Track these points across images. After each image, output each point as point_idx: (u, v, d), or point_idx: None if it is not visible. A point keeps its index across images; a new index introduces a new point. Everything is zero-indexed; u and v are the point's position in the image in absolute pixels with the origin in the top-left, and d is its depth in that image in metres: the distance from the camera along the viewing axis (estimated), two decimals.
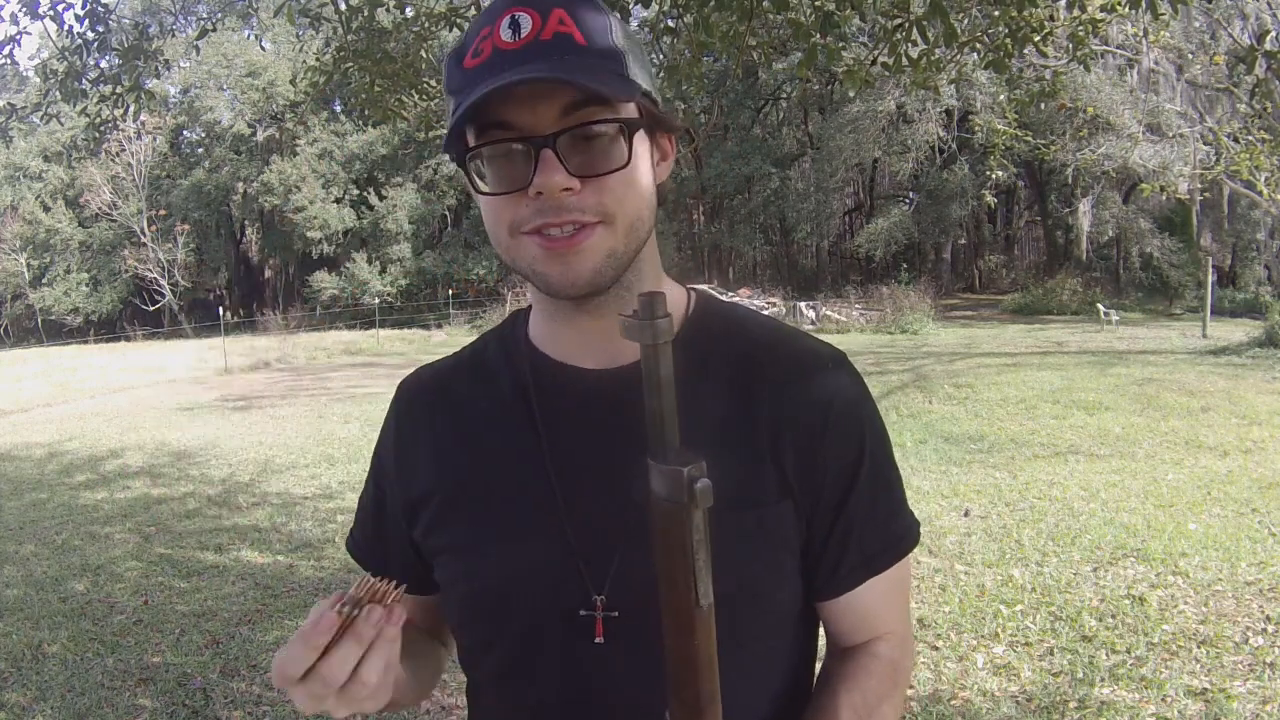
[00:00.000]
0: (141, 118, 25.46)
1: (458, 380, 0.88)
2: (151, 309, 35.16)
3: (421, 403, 0.89)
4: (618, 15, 0.76)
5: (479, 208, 0.77)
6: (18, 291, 35.43)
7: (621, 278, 0.75)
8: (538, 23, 0.70)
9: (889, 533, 0.83)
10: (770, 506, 0.77)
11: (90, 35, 4.29)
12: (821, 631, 0.90)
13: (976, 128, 18.30)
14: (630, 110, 0.73)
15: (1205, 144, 16.54)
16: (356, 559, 0.93)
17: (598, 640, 0.75)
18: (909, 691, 3.19)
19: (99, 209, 33.82)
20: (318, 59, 4.77)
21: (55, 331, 34.95)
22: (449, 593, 0.84)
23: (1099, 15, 4.01)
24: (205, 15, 26.99)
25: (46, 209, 34.42)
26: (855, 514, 0.80)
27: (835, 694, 0.80)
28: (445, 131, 0.74)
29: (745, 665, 0.77)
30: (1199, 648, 3.42)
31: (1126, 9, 4.03)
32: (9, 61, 4.47)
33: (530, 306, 0.87)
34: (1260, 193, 13.00)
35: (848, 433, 0.81)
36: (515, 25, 0.70)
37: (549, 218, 0.71)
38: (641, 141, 0.73)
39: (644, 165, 0.75)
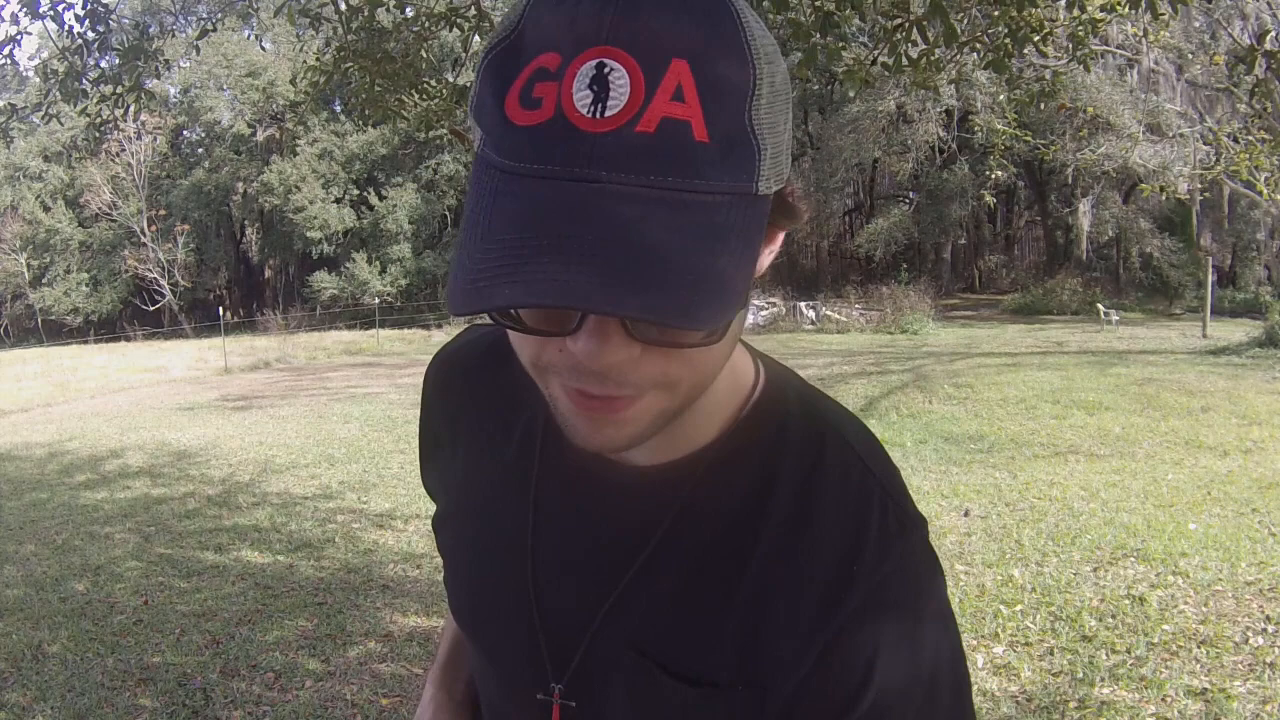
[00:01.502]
0: (141, 118, 25.46)
1: (485, 375, 0.75)
2: (151, 309, 35.17)
3: (448, 381, 0.79)
4: (760, 41, 0.48)
5: None
6: (18, 291, 35.45)
7: None
8: (639, 93, 0.44)
9: None
10: (749, 689, 0.61)
11: (90, 35, 4.30)
12: None
13: (976, 128, 18.30)
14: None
15: (1205, 144, 16.53)
16: (430, 492, 0.86)
17: None
18: None
19: (99, 209, 33.84)
20: (318, 59, 4.78)
21: (55, 331, 34.97)
22: (450, 593, 0.82)
23: (1099, 15, 4.01)
24: (205, 15, 26.97)
25: (46, 209, 34.44)
26: None
27: None
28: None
29: None
30: (1199, 648, 3.42)
31: (1126, 9, 4.04)
32: (9, 61, 4.47)
33: None
34: (1260, 193, 13.00)
35: (867, 640, 0.59)
36: (603, 86, 0.44)
37: (586, 384, 0.51)
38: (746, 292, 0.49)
39: (741, 312, 0.51)
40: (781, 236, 0.57)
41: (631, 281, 0.42)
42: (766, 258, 0.55)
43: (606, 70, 0.44)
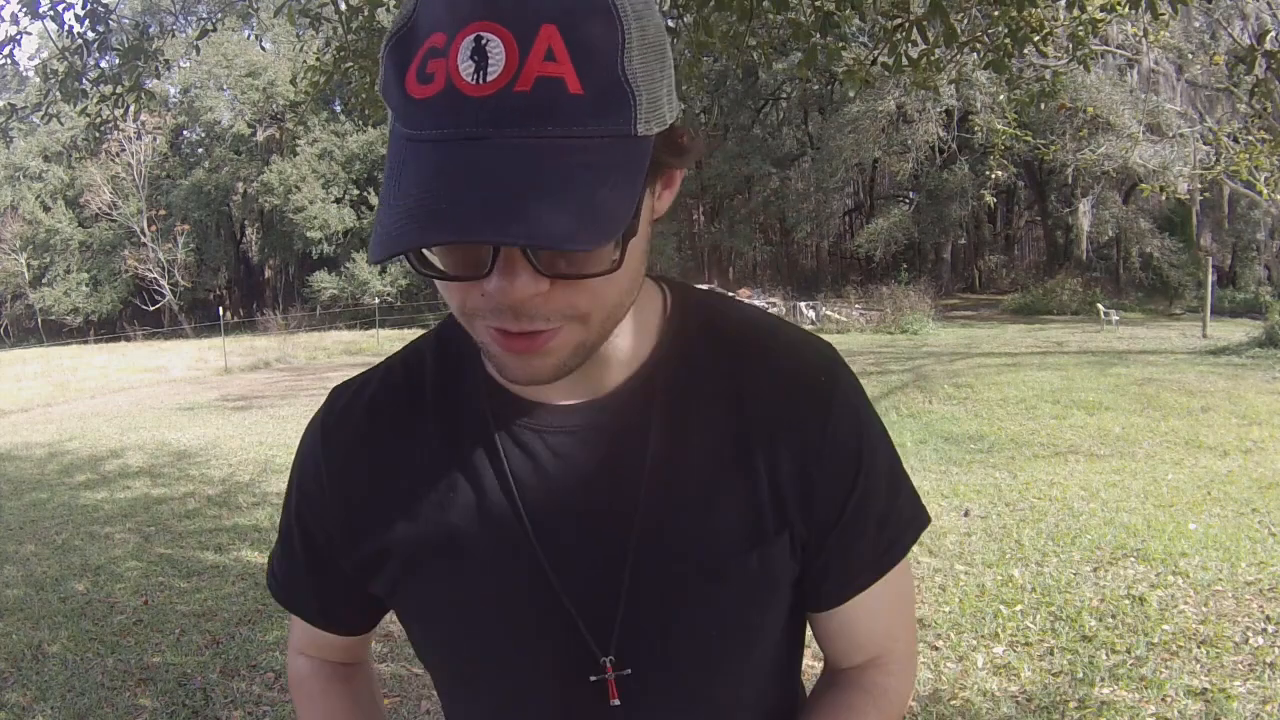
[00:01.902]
0: (141, 118, 25.47)
1: (398, 407, 0.73)
2: (151, 309, 35.18)
3: (359, 433, 0.73)
4: (632, 11, 0.53)
5: None
6: (18, 291, 35.45)
7: None
8: (514, 58, 0.49)
9: (894, 527, 0.75)
10: (770, 543, 0.70)
11: (90, 35, 4.29)
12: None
13: (976, 128, 18.30)
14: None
15: (1205, 144, 16.53)
16: (283, 601, 0.84)
17: (614, 703, 0.69)
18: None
19: (99, 209, 33.84)
20: (318, 59, 4.77)
21: (55, 331, 34.97)
22: (431, 647, 0.77)
23: (1099, 15, 4.01)
24: (205, 15, 26.97)
25: (46, 209, 34.44)
26: (856, 519, 0.72)
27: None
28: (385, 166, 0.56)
29: (744, 697, 0.75)
30: (1199, 648, 3.42)
31: (1126, 9, 4.04)
32: (9, 61, 4.47)
33: (451, 323, 0.73)
34: (1260, 193, 13.00)
35: (845, 449, 0.71)
36: (481, 56, 0.49)
37: (505, 322, 0.56)
38: (642, 216, 0.57)
39: (639, 245, 0.59)
40: (680, 176, 0.63)
41: (518, 214, 0.48)
42: (666, 197, 0.62)
43: (484, 42, 0.49)
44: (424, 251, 0.54)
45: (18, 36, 4.34)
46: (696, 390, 0.70)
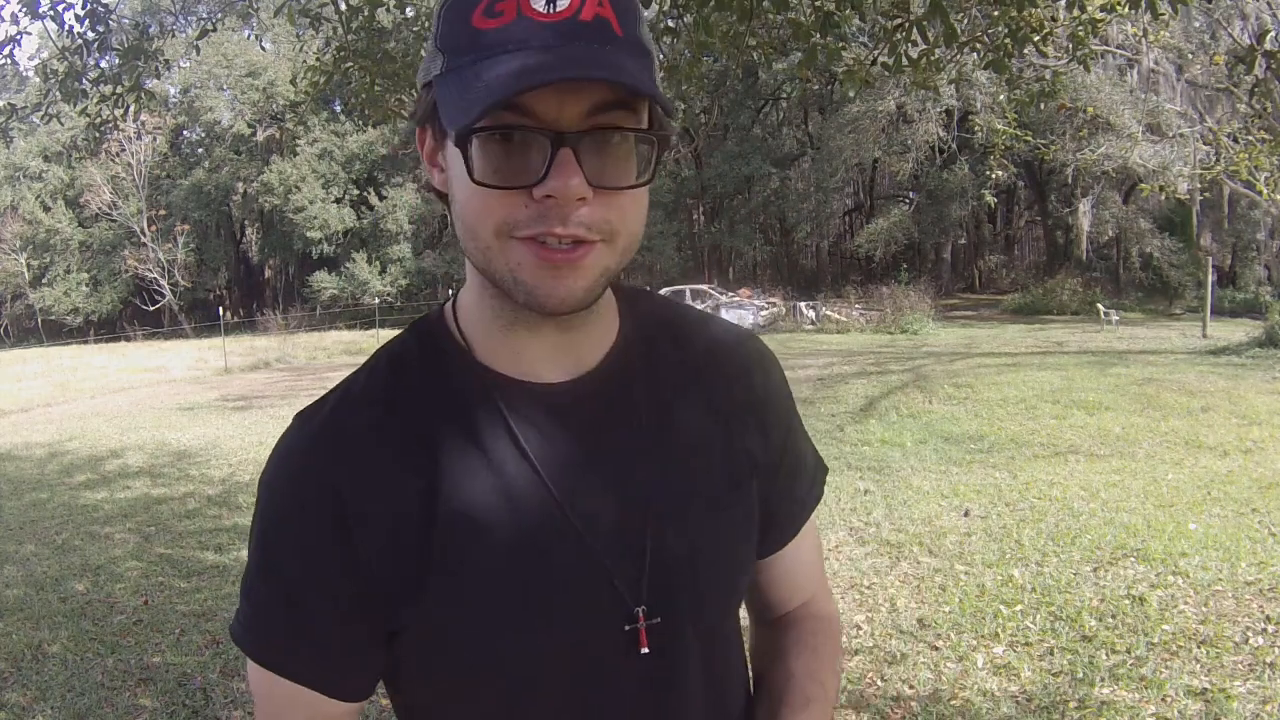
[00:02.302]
0: (141, 118, 25.47)
1: (390, 419, 0.72)
2: (151, 309, 35.20)
3: (365, 463, 0.71)
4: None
5: (451, 193, 0.67)
6: (18, 291, 35.47)
7: None
8: None
9: (813, 471, 0.90)
10: (747, 485, 0.81)
11: (90, 35, 4.29)
12: None
13: (976, 128, 18.31)
14: (645, 121, 0.65)
15: (1205, 144, 16.54)
16: (284, 669, 0.72)
17: (643, 651, 0.73)
18: (909, 691, 3.19)
19: (99, 209, 33.86)
20: (318, 59, 4.78)
21: (55, 331, 34.99)
22: (459, 649, 0.72)
23: (1099, 15, 4.00)
24: (205, 15, 26.98)
25: (46, 209, 34.46)
26: (791, 468, 0.86)
27: (789, 662, 0.85)
28: (425, 92, 0.66)
29: (735, 630, 0.85)
30: (1199, 648, 3.42)
31: (1126, 9, 4.03)
32: (9, 61, 4.47)
33: (440, 317, 0.77)
34: (1260, 193, 13.00)
35: (779, 405, 0.86)
36: None
37: (552, 225, 0.62)
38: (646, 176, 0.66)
39: (645, 197, 0.69)
40: (664, 150, 0.71)
41: (604, 66, 0.61)
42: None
43: None
44: (480, 168, 0.62)
45: (18, 36, 4.34)
46: (663, 364, 0.79)
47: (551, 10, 0.61)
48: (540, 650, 0.72)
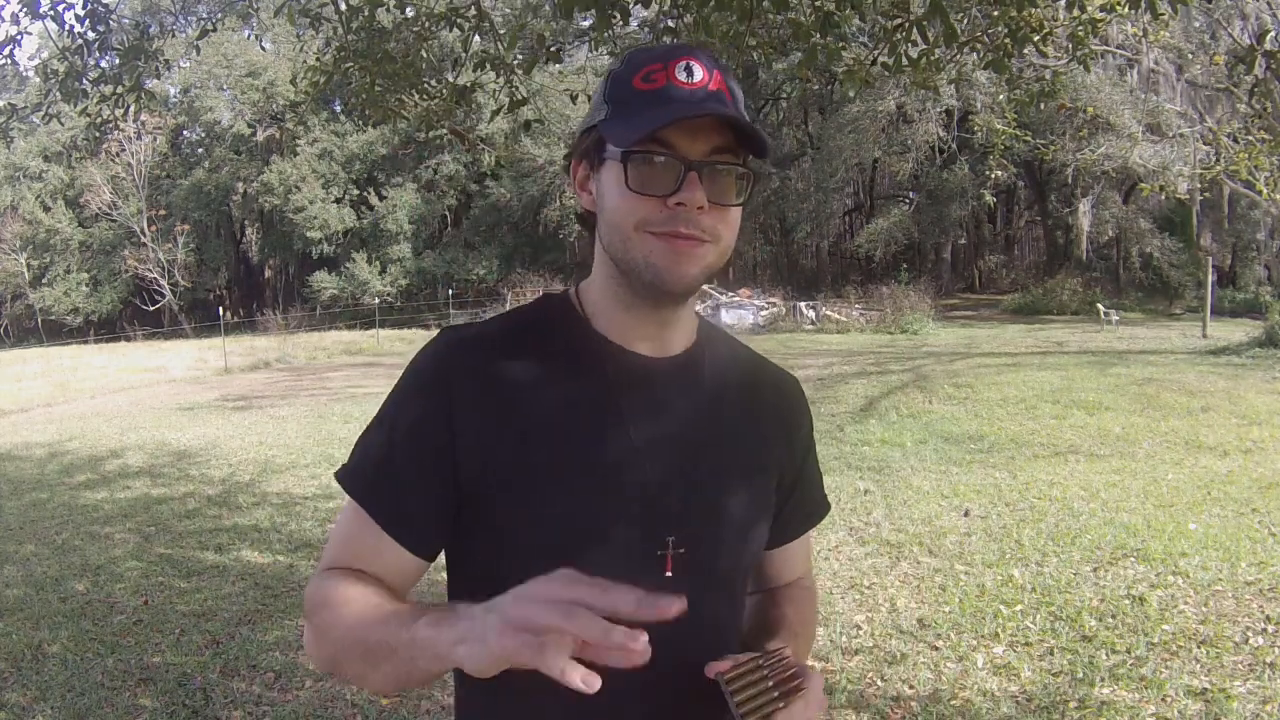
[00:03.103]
0: (141, 118, 25.48)
1: (520, 343, 0.96)
2: (151, 309, 35.18)
3: (489, 356, 0.94)
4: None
5: (601, 205, 0.91)
6: (18, 291, 35.44)
7: None
8: (706, 75, 0.88)
9: (820, 497, 1.16)
10: (770, 476, 1.04)
11: (90, 35, 4.29)
12: None
13: (976, 128, 18.28)
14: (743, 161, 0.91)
15: (1205, 144, 16.53)
16: (361, 496, 0.91)
17: (667, 574, 0.91)
18: (909, 691, 3.19)
19: (99, 209, 33.83)
20: (318, 59, 4.77)
21: (55, 331, 34.97)
22: (523, 534, 0.90)
23: (1099, 15, 4.00)
24: (205, 15, 26.99)
25: (46, 209, 34.43)
26: (805, 487, 1.11)
27: (782, 608, 1.09)
28: (586, 134, 0.92)
29: (742, 594, 1.04)
30: (1199, 648, 3.42)
31: (1126, 9, 4.03)
32: (9, 61, 4.46)
33: (566, 294, 1.00)
34: (1260, 193, 12.99)
35: (805, 434, 1.11)
36: (690, 70, 0.88)
37: (678, 225, 0.86)
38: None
39: (739, 217, 0.93)
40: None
41: (725, 114, 0.86)
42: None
43: (690, 64, 0.88)
44: (634, 177, 0.86)
45: (18, 36, 4.33)
46: (724, 368, 1.03)
47: (690, 80, 0.88)
48: (591, 541, 0.89)
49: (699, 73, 0.88)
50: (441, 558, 0.97)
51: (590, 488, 0.91)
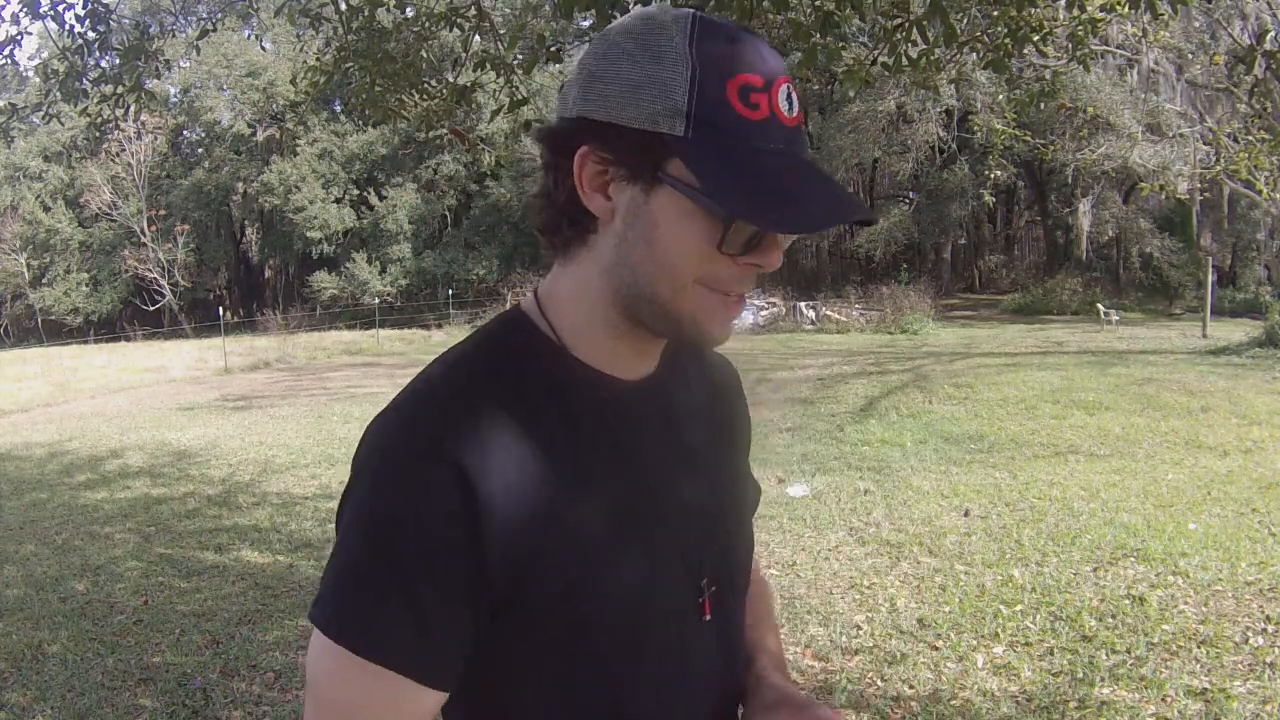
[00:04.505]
0: (141, 118, 25.46)
1: (509, 404, 0.77)
2: (151, 309, 35.17)
3: (490, 436, 0.74)
4: None
5: (636, 228, 0.74)
6: (18, 291, 35.43)
7: None
8: (798, 101, 0.76)
9: (754, 479, 1.08)
10: (747, 479, 1.02)
11: (91, 35, 4.29)
12: None
13: (976, 128, 18.30)
14: None
15: (1205, 144, 16.53)
16: (396, 665, 0.71)
17: (706, 618, 0.85)
18: (909, 691, 3.19)
19: (99, 209, 33.83)
20: (318, 59, 4.77)
21: (55, 331, 34.97)
22: (565, 621, 0.76)
23: (1099, 15, 4.00)
24: (205, 15, 26.98)
25: (46, 209, 34.42)
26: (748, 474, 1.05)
27: (759, 611, 1.04)
28: (642, 137, 0.72)
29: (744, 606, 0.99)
30: (1199, 648, 3.42)
31: (1126, 9, 4.04)
32: (9, 61, 4.47)
33: (524, 315, 0.83)
34: (1260, 193, 13.00)
35: (747, 421, 1.05)
36: (790, 100, 0.74)
37: (745, 287, 0.77)
38: None
39: None
40: None
41: (853, 205, 0.76)
42: None
43: (790, 91, 0.74)
44: (732, 239, 0.73)
45: (18, 36, 4.34)
46: (685, 374, 0.94)
47: (790, 114, 0.73)
48: (639, 609, 0.80)
49: (797, 103, 0.74)
50: None
51: (633, 550, 0.79)
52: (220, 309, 22.44)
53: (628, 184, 0.74)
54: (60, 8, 4.18)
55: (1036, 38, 3.67)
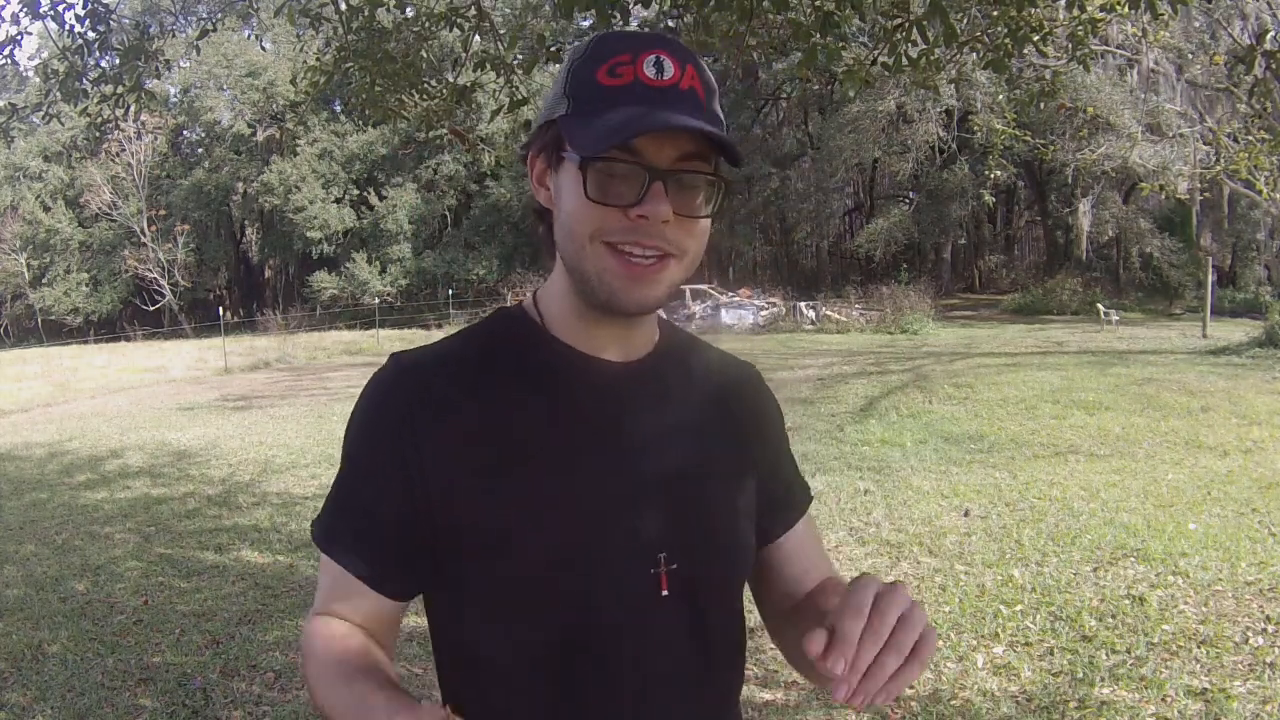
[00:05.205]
0: (141, 118, 25.46)
1: (474, 366, 0.89)
2: (151, 309, 35.16)
3: (440, 385, 0.87)
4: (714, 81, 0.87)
5: (558, 206, 0.84)
6: (18, 291, 35.42)
7: None
8: (677, 71, 0.81)
9: (802, 483, 1.08)
10: (750, 475, 0.98)
11: (90, 35, 4.29)
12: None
13: (976, 128, 18.29)
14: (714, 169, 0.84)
15: (1205, 144, 16.53)
16: (336, 554, 0.87)
17: (664, 593, 0.87)
18: (909, 691, 3.19)
19: (99, 209, 33.82)
20: (318, 59, 4.77)
21: (55, 331, 34.96)
22: (503, 569, 0.84)
23: (1099, 15, 4.00)
24: (205, 15, 26.98)
25: (46, 209, 34.41)
26: (785, 474, 1.05)
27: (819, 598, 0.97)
28: (545, 128, 0.85)
29: (737, 616, 0.97)
30: (1199, 648, 3.42)
31: (1126, 9, 4.03)
32: (9, 61, 4.46)
33: (520, 305, 0.94)
34: (1260, 193, 13.00)
35: (776, 421, 1.06)
36: (660, 66, 0.80)
37: (640, 237, 0.80)
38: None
39: (708, 228, 0.87)
40: (725, 201, 0.88)
41: (695, 122, 0.78)
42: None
43: (661, 59, 0.81)
44: (594, 186, 0.79)
45: (18, 36, 4.34)
46: (692, 366, 0.99)
47: (660, 77, 0.80)
48: (578, 569, 0.84)
49: (670, 68, 0.80)
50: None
51: (573, 512, 0.85)
52: (220, 309, 22.43)
53: (550, 170, 0.86)
54: (60, 8, 4.18)
55: (1036, 38, 3.67)
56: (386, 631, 0.90)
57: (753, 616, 1.03)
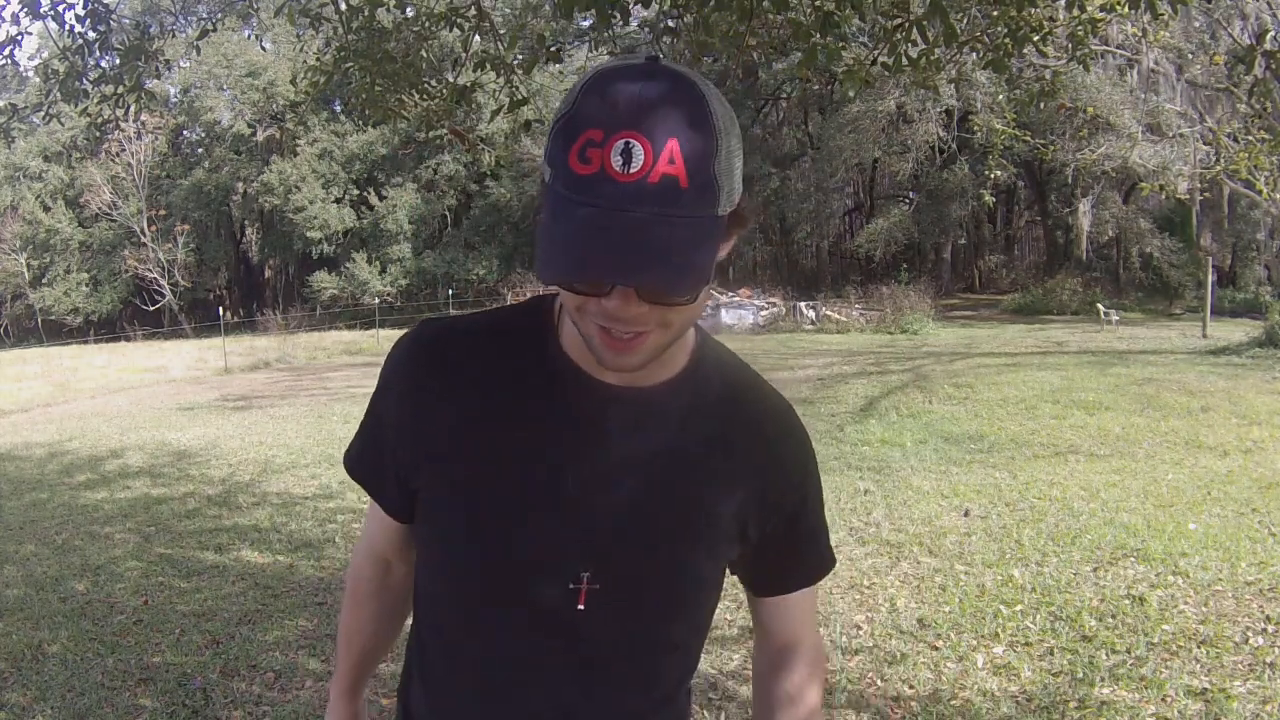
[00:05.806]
0: (141, 118, 25.45)
1: (485, 353, 0.94)
2: (151, 309, 35.16)
3: (449, 361, 0.94)
4: (721, 118, 0.75)
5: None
6: (18, 291, 35.42)
7: None
8: (649, 160, 0.71)
9: (823, 552, 1.07)
10: (728, 524, 0.96)
11: (90, 35, 4.29)
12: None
13: (976, 128, 18.29)
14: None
15: (1205, 144, 16.53)
16: (354, 476, 1.05)
17: (579, 607, 0.90)
18: (909, 691, 3.19)
19: (99, 209, 33.82)
20: (318, 59, 4.77)
21: (55, 331, 34.97)
22: (444, 542, 0.94)
23: (1099, 15, 4.00)
24: (205, 15, 26.97)
25: (46, 209, 34.41)
26: (801, 531, 1.03)
27: (768, 684, 1.07)
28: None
29: (672, 641, 1.00)
30: (1199, 648, 3.42)
31: (1126, 9, 4.03)
32: (9, 61, 4.46)
33: (553, 301, 0.95)
34: (1260, 192, 13.00)
35: (794, 481, 1.00)
36: (628, 155, 0.71)
37: (614, 326, 0.79)
38: (711, 273, 0.78)
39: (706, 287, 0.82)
40: (736, 234, 0.83)
41: (645, 268, 0.71)
42: (724, 250, 0.81)
43: (631, 146, 0.71)
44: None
45: (18, 36, 4.33)
46: (705, 405, 0.95)
47: (626, 171, 0.71)
48: (497, 564, 0.90)
49: (639, 157, 0.70)
50: None
51: (505, 508, 0.90)
52: (220, 309, 22.44)
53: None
54: (60, 8, 4.18)
55: (1036, 38, 3.67)
56: (402, 543, 1.04)
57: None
